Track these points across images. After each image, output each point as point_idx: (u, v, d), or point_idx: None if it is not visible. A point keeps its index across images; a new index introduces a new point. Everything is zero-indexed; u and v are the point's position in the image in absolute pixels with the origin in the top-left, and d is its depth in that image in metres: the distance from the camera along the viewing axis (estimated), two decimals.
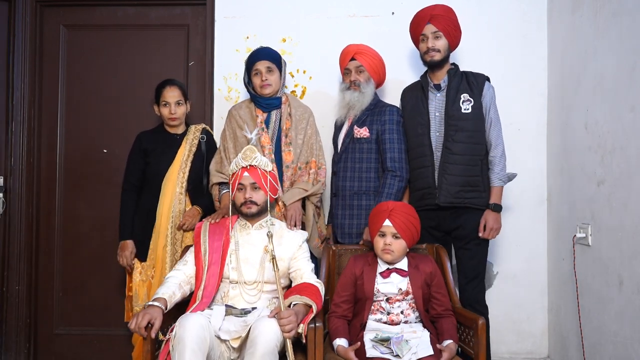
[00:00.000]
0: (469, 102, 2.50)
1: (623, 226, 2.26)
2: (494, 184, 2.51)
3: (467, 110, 2.49)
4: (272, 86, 2.56)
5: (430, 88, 2.60)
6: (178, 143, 2.67)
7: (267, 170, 2.24)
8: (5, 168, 3.06)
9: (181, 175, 2.61)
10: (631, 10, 2.24)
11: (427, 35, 2.55)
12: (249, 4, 3.05)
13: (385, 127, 2.55)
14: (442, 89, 2.57)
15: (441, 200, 2.47)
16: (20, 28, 3.08)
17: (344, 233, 2.58)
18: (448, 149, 2.48)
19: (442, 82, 2.58)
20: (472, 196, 2.48)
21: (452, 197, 2.47)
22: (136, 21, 3.17)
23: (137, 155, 2.65)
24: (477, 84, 2.54)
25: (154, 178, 2.62)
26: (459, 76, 2.57)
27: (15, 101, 3.07)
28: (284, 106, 2.62)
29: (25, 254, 3.08)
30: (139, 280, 2.58)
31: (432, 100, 2.58)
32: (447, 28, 2.54)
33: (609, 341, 2.35)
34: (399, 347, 1.94)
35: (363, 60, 2.60)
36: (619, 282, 2.29)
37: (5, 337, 3.06)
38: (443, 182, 2.47)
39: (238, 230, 2.27)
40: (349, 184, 2.57)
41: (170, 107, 2.61)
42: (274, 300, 2.19)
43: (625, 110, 2.25)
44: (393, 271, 2.17)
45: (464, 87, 2.54)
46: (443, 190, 2.47)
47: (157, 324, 1.92)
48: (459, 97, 2.52)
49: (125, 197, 2.65)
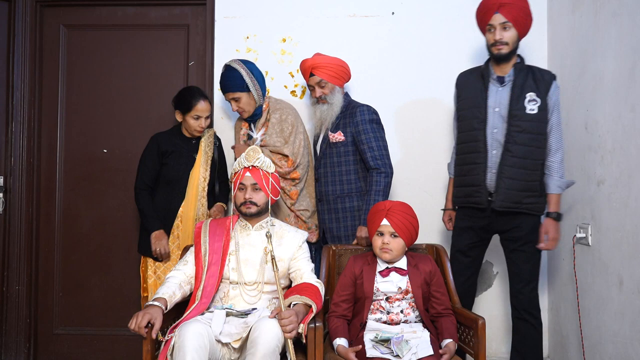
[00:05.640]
0: (535, 103, 2.32)
1: (623, 226, 2.26)
2: (552, 191, 2.36)
3: (533, 111, 2.32)
4: (246, 110, 2.67)
5: (492, 80, 2.41)
6: (195, 147, 2.71)
7: (269, 172, 2.24)
8: (5, 168, 3.06)
9: (202, 180, 2.68)
10: (631, 10, 2.24)
11: (494, 26, 2.34)
12: (249, 4, 3.05)
13: (359, 129, 2.55)
14: (505, 83, 2.38)
15: (497, 205, 2.34)
16: (20, 28, 3.08)
17: (333, 236, 2.61)
18: (509, 151, 2.32)
19: (506, 76, 2.38)
20: (530, 202, 2.35)
21: (510, 202, 2.33)
22: (136, 21, 3.17)
23: (154, 157, 2.65)
24: (544, 83, 2.35)
25: (171, 180, 2.65)
26: (524, 71, 2.38)
27: (15, 101, 3.07)
28: (264, 113, 2.71)
29: (25, 254, 3.09)
30: (154, 280, 2.62)
31: (492, 94, 2.39)
32: (518, 17, 2.32)
33: (608, 341, 2.35)
34: (399, 347, 1.94)
35: (321, 74, 2.59)
36: (619, 282, 2.29)
37: (5, 337, 3.06)
38: (501, 185, 2.33)
39: (238, 230, 2.27)
40: (332, 188, 2.60)
41: (202, 120, 2.64)
42: (274, 301, 2.19)
43: (625, 110, 2.25)
44: (392, 270, 2.17)
45: (530, 84, 2.35)
46: (500, 194, 2.33)
47: (157, 324, 1.92)
48: (524, 96, 2.33)
49: (142, 195, 2.64)
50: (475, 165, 2.40)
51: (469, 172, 2.43)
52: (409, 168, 2.98)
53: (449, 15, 3.01)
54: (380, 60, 3.01)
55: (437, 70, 2.99)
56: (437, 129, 2.98)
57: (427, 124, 3.00)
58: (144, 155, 2.68)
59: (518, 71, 2.37)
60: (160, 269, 2.65)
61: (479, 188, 2.39)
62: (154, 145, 2.68)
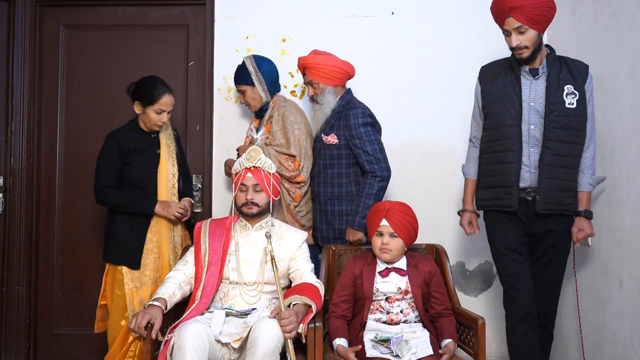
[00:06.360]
0: (574, 96, 2.16)
1: (623, 226, 2.26)
2: (584, 189, 2.23)
3: (572, 105, 2.16)
4: (251, 104, 2.71)
5: (523, 72, 2.24)
6: (156, 142, 2.57)
7: (270, 173, 2.24)
8: (5, 168, 3.06)
9: (171, 176, 2.56)
10: (631, 10, 2.23)
11: (509, 31, 2.18)
12: (249, 4, 3.05)
13: (353, 133, 2.50)
14: (539, 76, 2.22)
15: (540, 208, 2.18)
16: (20, 28, 3.08)
17: (322, 237, 2.61)
18: (549, 149, 2.15)
19: (540, 67, 2.22)
20: (570, 202, 2.22)
21: (552, 203, 2.18)
22: (136, 21, 3.16)
23: (115, 157, 2.47)
24: (580, 74, 2.20)
25: (139, 181, 2.49)
26: (558, 62, 2.22)
27: (15, 101, 3.07)
28: (270, 110, 2.71)
29: (25, 254, 3.08)
30: (132, 287, 2.45)
31: (526, 88, 2.22)
32: (533, 16, 2.12)
33: (608, 341, 2.35)
34: (398, 347, 1.94)
35: (311, 74, 2.59)
36: (619, 282, 2.28)
37: (5, 337, 3.06)
38: (543, 185, 2.16)
39: (238, 230, 2.27)
40: (323, 190, 2.59)
41: (164, 115, 2.50)
42: (273, 301, 2.19)
43: (625, 110, 2.25)
44: (392, 270, 2.17)
45: (566, 76, 2.19)
46: (543, 195, 2.16)
47: (157, 324, 1.92)
48: (562, 88, 2.17)
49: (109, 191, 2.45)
50: (506, 165, 2.22)
51: (499, 172, 2.25)
52: (408, 168, 2.98)
53: (449, 15, 3.01)
54: (380, 60, 3.01)
55: (437, 70, 2.99)
56: (437, 128, 2.98)
57: (427, 124, 2.99)
58: (102, 156, 2.49)
59: (552, 62, 2.22)
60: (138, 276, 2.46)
61: (510, 190, 2.21)
62: (113, 144, 2.48)
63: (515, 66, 2.26)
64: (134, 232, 2.48)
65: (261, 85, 2.68)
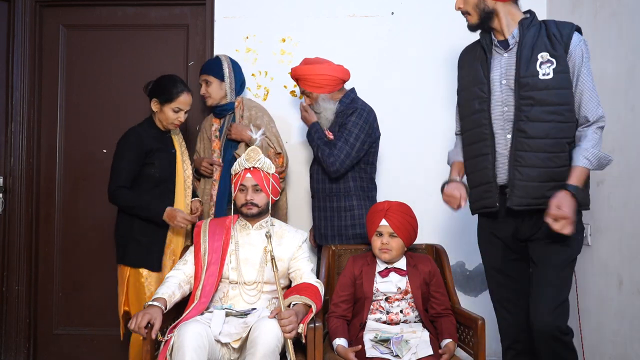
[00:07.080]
0: (550, 64, 1.81)
1: (623, 226, 2.26)
2: (577, 162, 1.78)
3: (548, 75, 1.80)
4: (212, 97, 2.71)
5: (494, 47, 1.94)
6: (170, 142, 2.57)
7: (269, 173, 2.24)
8: (5, 168, 3.06)
9: (187, 177, 2.57)
10: (630, 10, 2.24)
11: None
12: (249, 4, 3.05)
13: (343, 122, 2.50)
14: (510, 47, 1.90)
15: (515, 203, 1.84)
16: (19, 28, 3.08)
17: (320, 234, 2.61)
18: (521, 131, 1.82)
19: (510, 37, 1.89)
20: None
21: (530, 197, 1.83)
22: (136, 21, 3.16)
23: (138, 156, 2.41)
24: (562, 37, 1.82)
25: (160, 181, 2.47)
26: (535, 27, 1.87)
27: (15, 101, 3.07)
28: (237, 110, 2.72)
29: (25, 254, 3.08)
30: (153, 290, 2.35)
31: (496, 64, 1.92)
32: None
33: (608, 341, 2.35)
34: (398, 347, 1.94)
35: (304, 85, 2.59)
36: (618, 282, 2.29)
37: (5, 337, 3.06)
38: (516, 176, 1.83)
39: (238, 230, 2.27)
40: (322, 186, 2.59)
41: (181, 114, 2.46)
42: (273, 301, 2.19)
43: (625, 110, 2.25)
44: (392, 270, 2.17)
45: (542, 42, 1.83)
46: (517, 188, 1.83)
47: (157, 324, 1.92)
48: (535, 57, 1.82)
49: (123, 192, 2.39)
50: (482, 158, 1.93)
51: (476, 167, 1.98)
52: (408, 168, 2.98)
53: (449, 15, 2.99)
54: (380, 60, 3.01)
55: (437, 70, 2.98)
56: (437, 128, 2.98)
57: (427, 124, 2.99)
58: (123, 154, 2.41)
59: (525, 28, 1.87)
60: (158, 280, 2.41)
61: (488, 186, 1.92)
62: (135, 142, 2.41)
63: (484, 41, 1.97)
64: (156, 234, 2.45)
65: (231, 85, 2.72)
